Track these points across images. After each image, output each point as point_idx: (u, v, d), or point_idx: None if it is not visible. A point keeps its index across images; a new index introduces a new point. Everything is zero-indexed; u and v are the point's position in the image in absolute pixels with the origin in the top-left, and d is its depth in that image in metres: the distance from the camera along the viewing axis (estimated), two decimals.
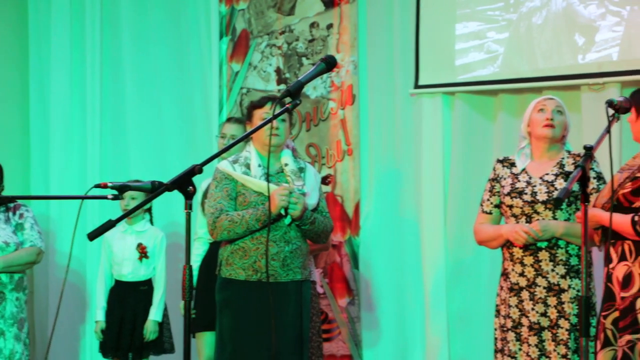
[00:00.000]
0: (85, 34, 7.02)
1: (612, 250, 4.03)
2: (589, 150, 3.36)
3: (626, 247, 4.00)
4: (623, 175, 4.05)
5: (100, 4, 7.02)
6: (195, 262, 5.31)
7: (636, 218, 3.93)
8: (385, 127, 6.16)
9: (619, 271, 3.99)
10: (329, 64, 3.45)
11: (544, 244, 4.30)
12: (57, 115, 7.02)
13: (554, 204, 4.28)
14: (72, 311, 6.77)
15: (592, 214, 3.97)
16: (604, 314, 4.01)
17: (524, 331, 4.33)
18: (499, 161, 4.58)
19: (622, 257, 4.00)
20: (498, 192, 4.50)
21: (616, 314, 3.98)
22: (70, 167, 7.01)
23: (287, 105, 3.41)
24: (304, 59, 6.49)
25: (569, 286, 4.29)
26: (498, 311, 4.48)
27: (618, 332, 3.93)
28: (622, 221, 3.96)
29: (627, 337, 3.91)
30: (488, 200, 4.54)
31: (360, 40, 6.28)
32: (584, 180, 3.27)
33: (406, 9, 6.05)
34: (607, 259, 4.05)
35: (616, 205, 3.99)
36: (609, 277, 4.02)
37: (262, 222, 4.37)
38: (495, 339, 4.48)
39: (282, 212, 4.39)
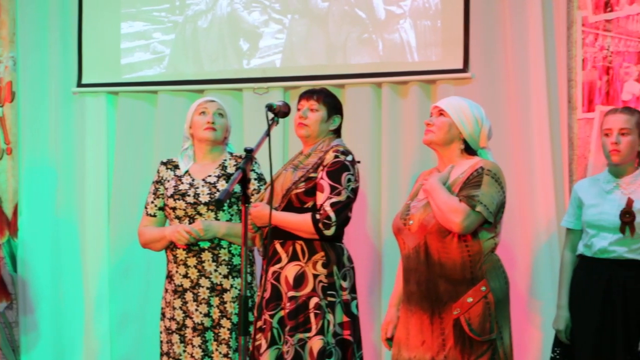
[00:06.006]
0: None
1: (280, 249, 4.15)
2: (250, 153, 3.45)
3: (298, 247, 4.13)
4: (297, 174, 4.17)
5: None
6: None
7: (317, 216, 4.06)
8: (46, 126, 6.00)
9: (290, 271, 4.11)
10: None
11: (206, 244, 4.36)
12: None
13: (215, 205, 4.35)
14: None
15: (264, 214, 4.06)
16: (270, 313, 4.11)
17: (188, 332, 4.36)
18: (162, 163, 4.58)
19: (294, 257, 4.12)
20: (162, 194, 4.51)
21: (282, 313, 4.10)
22: None
23: None
24: None
25: (231, 286, 4.36)
26: (163, 314, 4.49)
27: (289, 331, 4.05)
28: (299, 220, 4.08)
29: (300, 335, 4.04)
30: (152, 202, 4.54)
31: (19, 35, 6.06)
32: (244, 182, 3.34)
33: (67, 5, 5.95)
34: (272, 258, 4.16)
35: (287, 204, 4.12)
36: (277, 277, 4.13)
37: None
38: (161, 342, 4.48)
39: None
